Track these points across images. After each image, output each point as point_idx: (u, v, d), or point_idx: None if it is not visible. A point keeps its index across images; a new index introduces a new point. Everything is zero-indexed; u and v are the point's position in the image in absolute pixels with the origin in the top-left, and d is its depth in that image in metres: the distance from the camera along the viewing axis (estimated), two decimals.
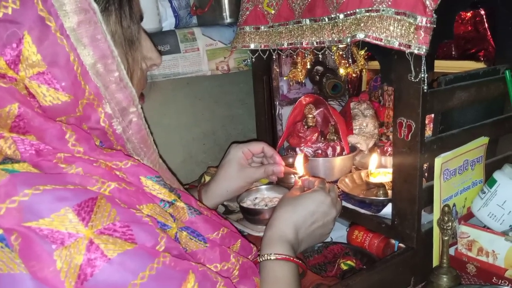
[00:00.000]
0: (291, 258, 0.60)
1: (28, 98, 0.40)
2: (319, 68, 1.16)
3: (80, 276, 0.35)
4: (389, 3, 0.66)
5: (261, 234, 0.82)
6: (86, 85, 0.43)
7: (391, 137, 1.08)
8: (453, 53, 1.01)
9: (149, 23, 1.04)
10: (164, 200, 0.45)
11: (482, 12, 0.93)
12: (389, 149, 1.05)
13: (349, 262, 0.83)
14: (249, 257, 0.59)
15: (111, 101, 0.45)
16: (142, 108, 0.51)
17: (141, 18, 0.54)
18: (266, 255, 0.59)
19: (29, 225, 0.35)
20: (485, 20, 0.93)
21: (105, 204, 0.38)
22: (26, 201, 0.35)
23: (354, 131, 1.09)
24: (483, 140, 0.83)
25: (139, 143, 0.50)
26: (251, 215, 0.85)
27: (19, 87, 0.40)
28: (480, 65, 0.94)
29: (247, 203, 0.90)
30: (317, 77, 1.17)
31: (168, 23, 1.12)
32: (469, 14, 0.95)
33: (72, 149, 0.41)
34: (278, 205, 0.67)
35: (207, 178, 1.04)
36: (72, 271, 0.35)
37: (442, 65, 0.97)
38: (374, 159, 0.96)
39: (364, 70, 0.91)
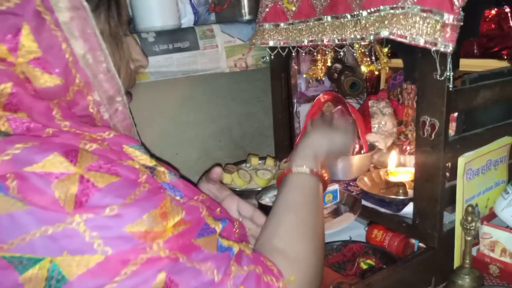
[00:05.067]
0: (321, 175, 0.65)
1: (23, 81, 0.46)
2: (338, 65, 1.15)
3: (77, 202, 0.40)
4: (415, 0, 0.66)
5: None
6: (77, 73, 0.48)
7: (410, 135, 1.07)
8: (475, 51, 1.00)
9: (168, 20, 1.04)
10: (145, 166, 0.48)
11: (507, 9, 0.91)
12: (408, 147, 1.04)
13: (369, 261, 0.82)
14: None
15: (99, 90, 0.50)
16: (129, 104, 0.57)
17: (129, 22, 0.61)
18: (302, 167, 0.64)
19: (24, 170, 0.39)
20: (509, 18, 0.91)
21: (86, 153, 0.43)
22: (18, 153, 0.40)
23: (372, 130, 1.08)
24: (507, 139, 0.82)
25: (124, 131, 0.54)
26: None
27: (16, 71, 0.45)
28: (503, 64, 0.93)
29: (266, 200, 0.90)
30: (336, 74, 1.16)
31: (187, 20, 1.12)
32: (493, 12, 0.94)
33: (59, 123, 0.45)
34: (316, 131, 0.71)
35: (225, 175, 1.04)
36: (69, 199, 0.40)
37: (463, 64, 0.95)
38: (393, 157, 0.96)
39: (386, 68, 0.90)
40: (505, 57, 0.93)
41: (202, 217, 0.48)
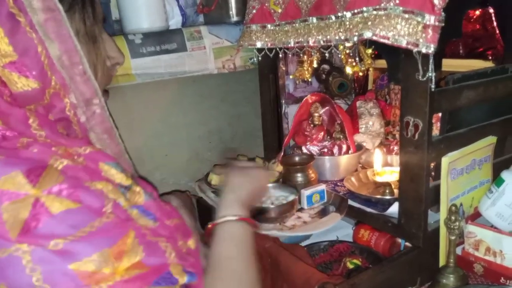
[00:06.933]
0: (248, 219, 0.63)
1: None
2: (326, 66, 1.16)
3: (24, 228, 0.38)
4: (397, 1, 0.66)
5: (268, 232, 0.83)
6: (52, 75, 0.47)
7: (397, 136, 1.08)
8: (461, 51, 1.01)
9: (155, 22, 1.04)
10: (121, 185, 0.47)
11: (491, 10, 0.92)
12: (395, 148, 1.04)
13: (355, 260, 0.83)
14: None
15: (76, 92, 0.50)
16: (106, 102, 0.56)
17: (104, 20, 0.59)
18: (225, 216, 0.61)
19: None
20: (493, 18, 0.92)
21: (54, 171, 0.42)
22: None
23: (360, 130, 1.09)
24: (491, 139, 0.83)
25: (102, 133, 0.53)
26: (258, 213, 0.85)
27: None
28: (488, 64, 0.94)
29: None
30: (323, 75, 1.16)
31: (175, 21, 1.12)
32: (477, 13, 0.94)
33: (35, 133, 0.45)
34: (234, 174, 0.71)
35: (213, 177, 1.04)
36: (17, 224, 0.38)
37: (449, 64, 0.96)
38: (377, 157, 0.96)
39: (370, 69, 0.90)
40: (490, 58, 0.94)
41: (166, 263, 0.45)
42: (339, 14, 0.77)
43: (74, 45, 0.49)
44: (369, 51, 0.85)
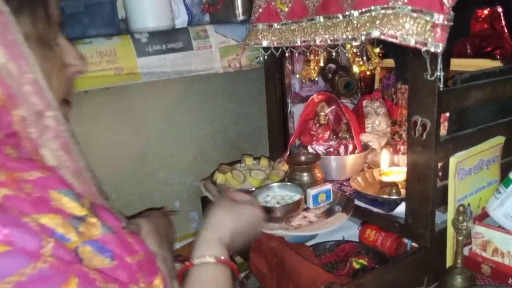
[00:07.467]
0: (229, 262, 0.58)
1: None
2: (332, 65, 1.15)
3: None
4: (405, 0, 0.66)
5: (273, 232, 0.83)
6: None
7: (404, 135, 1.07)
8: (469, 51, 1.00)
9: (162, 21, 1.05)
10: (74, 216, 0.41)
11: (500, 9, 0.91)
12: (402, 147, 1.04)
13: (361, 261, 0.82)
14: None
15: (26, 104, 0.44)
16: (67, 114, 0.51)
17: (61, 24, 0.53)
18: (204, 257, 0.57)
19: None
20: (502, 17, 0.91)
21: None
22: None
23: (366, 129, 1.09)
24: (499, 139, 0.82)
25: (58, 150, 0.47)
26: (263, 212, 0.85)
27: None
28: (496, 64, 0.93)
29: (259, 200, 0.90)
30: (330, 74, 1.16)
31: (181, 20, 1.12)
32: (485, 12, 0.94)
33: None
34: (218, 209, 0.65)
35: (219, 176, 1.04)
36: None
37: (457, 64, 0.95)
38: (384, 157, 0.96)
39: (377, 68, 0.90)
40: (498, 57, 0.93)
41: None
42: (347, 13, 0.77)
43: (22, 51, 0.43)
44: (377, 50, 0.85)
